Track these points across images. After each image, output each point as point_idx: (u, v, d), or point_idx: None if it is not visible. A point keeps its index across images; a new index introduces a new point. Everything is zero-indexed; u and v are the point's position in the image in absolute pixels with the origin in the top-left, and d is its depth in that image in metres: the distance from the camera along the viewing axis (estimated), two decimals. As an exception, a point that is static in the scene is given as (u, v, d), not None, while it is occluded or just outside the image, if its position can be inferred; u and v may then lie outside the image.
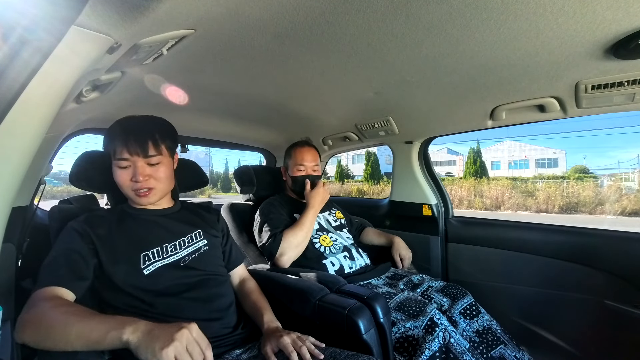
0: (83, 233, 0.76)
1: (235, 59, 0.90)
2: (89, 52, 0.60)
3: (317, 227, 1.38)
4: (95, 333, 0.57)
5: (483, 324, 1.12)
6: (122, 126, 0.83)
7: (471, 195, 13.68)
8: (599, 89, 1.01)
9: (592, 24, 0.72)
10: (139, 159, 0.80)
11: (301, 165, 1.42)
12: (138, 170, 0.80)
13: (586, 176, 15.27)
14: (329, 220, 1.46)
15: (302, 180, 1.41)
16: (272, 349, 0.75)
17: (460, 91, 1.15)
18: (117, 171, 0.81)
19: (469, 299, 1.18)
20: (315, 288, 0.97)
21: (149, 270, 0.78)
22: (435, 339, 0.90)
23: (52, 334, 0.58)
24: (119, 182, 0.82)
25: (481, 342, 1.06)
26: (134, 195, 0.83)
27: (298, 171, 1.43)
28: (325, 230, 1.40)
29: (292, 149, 1.48)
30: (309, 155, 1.45)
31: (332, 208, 1.57)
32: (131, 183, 0.81)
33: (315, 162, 1.46)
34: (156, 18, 0.61)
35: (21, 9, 0.45)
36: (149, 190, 0.83)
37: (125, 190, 0.83)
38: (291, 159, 1.46)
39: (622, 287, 1.18)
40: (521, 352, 1.08)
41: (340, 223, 1.49)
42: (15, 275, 0.98)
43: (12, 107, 0.53)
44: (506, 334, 1.11)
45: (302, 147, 1.47)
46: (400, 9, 0.67)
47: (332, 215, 1.52)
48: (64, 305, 0.64)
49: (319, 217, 1.43)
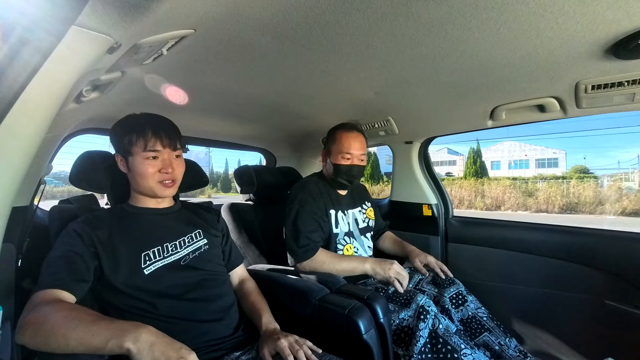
0: (83, 235, 0.76)
1: (235, 59, 0.90)
2: (89, 52, 0.60)
3: (345, 229, 1.31)
4: (97, 339, 0.56)
5: (468, 313, 1.14)
6: (146, 120, 0.85)
7: (471, 195, 13.68)
8: (599, 89, 1.01)
9: (592, 24, 0.72)
10: (169, 152, 0.85)
11: (347, 153, 1.27)
12: (167, 162, 0.84)
13: (586, 176, 15.26)
14: (358, 221, 1.38)
15: (346, 170, 1.28)
16: (269, 352, 0.75)
17: (460, 91, 1.15)
18: (144, 162, 0.82)
19: (457, 287, 1.20)
20: (315, 288, 0.97)
21: (150, 270, 0.78)
22: (426, 327, 0.92)
23: (53, 339, 0.58)
24: (145, 173, 0.82)
25: (465, 330, 1.09)
26: (160, 187, 0.84)
27: (343, 159, 1.27)
28: (352, 236, 1.33)
29: (338, 133, 1.31)
30: (357, 142, 1.28)
31: (365, 203, 1.47)
32: (159, 174, 0.83)
33: (363, 150, 1.30)
34: (156, 18, 0.61)
35: (21, 9, 0.45)
36: (172, 182, 0.86)
37: (150, 182, 0.84)
38: (335, 144, 1.30)
39: (622, 287, 1.18)
40: (508, 339, 1.09)
41: (367, 225, 1.41)
42: (15, 275, 0.98)
43: (12, 107, 0.52)
44: (493, 321, 1.13)
45: (349, 132, 1.30)
46: (400, 9, 0.67)
47: (363, 213, 1.42)
48: (65, 309, 0.64)
49: (349, 213, 1.35)
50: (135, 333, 0.56)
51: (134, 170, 0.83)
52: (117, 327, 0.58)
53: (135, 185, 0.86)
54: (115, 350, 0.56)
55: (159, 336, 0.58)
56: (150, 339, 0.57)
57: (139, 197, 0.88)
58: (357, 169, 1.29)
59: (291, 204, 1.26)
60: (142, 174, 0.83)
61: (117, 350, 0.56)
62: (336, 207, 1.31)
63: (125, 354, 0.56)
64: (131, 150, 0.82)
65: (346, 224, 1.32)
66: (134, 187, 0.87)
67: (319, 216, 1.24)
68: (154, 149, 0.82)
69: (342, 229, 1.30)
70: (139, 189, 0.86)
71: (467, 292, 1.19)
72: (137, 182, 0.85)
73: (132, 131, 0.83)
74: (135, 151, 0.82)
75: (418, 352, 0.88)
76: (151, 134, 0.82)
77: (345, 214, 1.34)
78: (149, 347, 0.56)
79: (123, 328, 0.58)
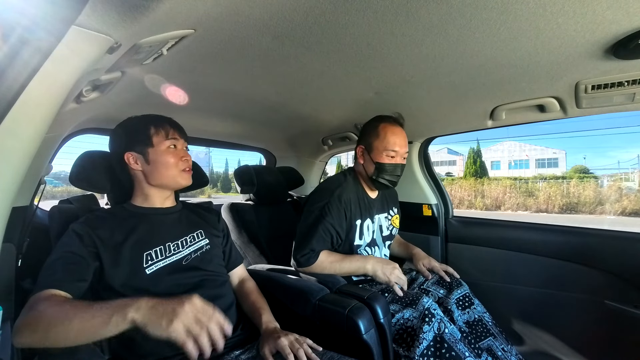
0: (83, 235, 0.76)
1: (235, 59, 0.90)
2: (89, 52, 0.60)
3: (369, 239, 1.23)
4: (98, 320, 0.56)
5: (474, 315, 1.13)
6: (158, 115, 0.89)
7: (471, 195, 13.68)
8: (599, 89, 1.01)
9: (592, 24, 0.72)
10: (183, 142, 0.90)
11: (392, 150, 1.14)
12: (184, 151, 0.89)
13: (586, 176, 15.26)
14: (382, 228, 1.30)
15: (391, 169, 1.15)
16: (270, 350, 0.75)
17: (460, 91, 1.15)
18: (167, 152, 0.85)
19: (464, 289, 1.19)
20: (315, 288, 0.97)
21: (152, 269, 0.78)
22: (431, 330, 0.91)
23: (53, 331, 0.58)
24: (169, 161, 0.85)
25: (470, 333, 1.08)
26: (182, 174, 0.88)
27: (387, 157, 1.15)
28: (376, 245, 1.26)
29: (381, 127, 1.17)
30: (402, 138, 1.16)
31: (392, 208, 1.37)
32: (181, 162, 0.87)
33: (407, 147, 1.19)
34: (156, 18, 0.61)
35: (21, 9, 0.45)
36: (190, 170, 0.90)
37: (173, 170, 0.86)
38: (379, 139, 1.16)
39: (622, 287, 1.18)
40: (510, 346, 1.09)
41: (390, 233, 1.34)
42: (15, 275, 0.98)
43: (12, 107, 0.52)
44: (497, 327, 1.12)
45: (395, 126, 1.17)
46: (400, 8, 0.67)
47: (388, 219, 1.34)
48: (60, 302, 0.64)
49: (376, 219, 1.27)
50: (136, 303, 0.57)
51: (156, 162, 0.84)
52: (116, 304, 0.59)
53: (157, 177, 0.86)
54: (120, 325, 0.55)
55: (158, 300, 0.59)
56: (150, 302, 0.58)
57: (148, 195, 0.88)
58: (402, 168, 1.19)
59: (312, 206, 1.16)
60: (166, 163, 0.85)
61: (121, 324, 0.55)
62: (364, 216, 1.22)
63: (131, 325, 0.55)
64: (152, 141, 0.84)
65: (370, 234, 1.24)
66: (154, 180, 0.86)
67: (335, 231, 1.14)
68: (174, 137, 0.87)
69: (365, 240, 1.22)
70: (162, 180, 0.86)
71: (472, 295, 1.18)
72: (160, 173, 0.85)
73: (150, 124, 0.86)
74: (157, 141, 0.84)
75: (420, 355, 0.87)
76: (168, 124, 0.88)
77: (373, 221, 1.26)
78: (151, 308, 0.56)
79: (121, 303, 0.58)
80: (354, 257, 1.14)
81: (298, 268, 1.14)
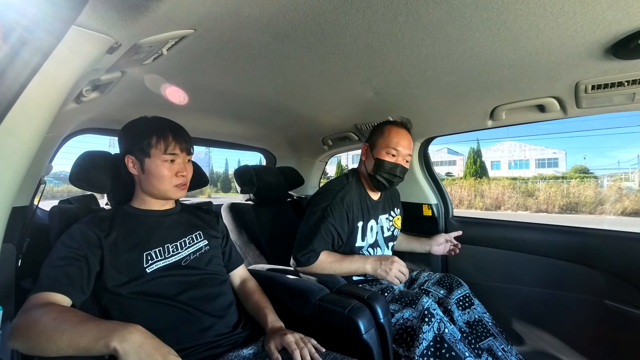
0: (86, 235, 0.76)
1: (235, 59, 0.90)
2: (89, 52, 0.60)
3: (371, 240, 1.25)
4: (85, 340, 0.56)
5: (474, 316, 1.13)
6: (166, 124, 0.87)
7: (471, 195, 13.68)
8: (599, 89, 1.01)
9: (592, 24, 0.72)
10: (184, 156, 0.87)
11: (394, 149, 1.17)
12: (182, 166, 0.86)
13: (586, 176, 15.26)
14: (383, 228, 1.31)
15: (390, 167, 1.18)
16: (275, 346, 0.76)
17: (460, 91, 1.15)
18: (161, 165, 0.83)
19: (464, 290, 1.19)
20: (315, 288, 0.97)
21: (152, 268, 0.79)
22: (430, 330, 0.91)
23: (44, 342, 0.57)
24: (163, 175, 0.83)
25: (470, 333, 1.08)
26: (174, 189, 0.86)
27: (387, 155, 1.18)
28: (378, 246, 1.27)
29: (387, 127, 1.22)
30: (406, 140, 1.20)
31: (394, 209, 1.39)
32: (175, 177, 0.85)
33: (410, 150, 1.21)
34: (156, 18, 0.61)
35: (21, 9, 0.45)
36: (185, 185, 0.89)
37: (165, 184, 0.84)
38: (382, 137, 1.20)
39: (622, 287, 1.18)
40: (510, 346, 1.09)
41: (392, 234, 1.34)
42: (15, 275, 0.98)
43: (12, 107, 0.52)
44: (497, 328, 1.13)
45: (400, 128, 1.21)
46: (400, 9, 0.67)
47: (390, 220, 1.35)
48: (54, 311, 0.62)
49: (378, 220, 1.28)
50: (123, 332, 0.55)
51: (150, 173, 0.83)
52: (104, 327, 0.57)
53: (148, 187, 0.85)
54: (103, 351, 0.55)
55: (147, 337, 0.57)
56: (138, 339, 0.56)
57: (145, 199, 0.88)
58: (402, 170, 1.19)
59: (314, 207, 1.17)
60: (159, 177, 0.83)
61: (104, 350, 0.55)
62: (366, 218, 1.23)
63: (112, 353, 0.54)
64: (150, 152, 0.82)
65: (373, 235, 1.25)
66: (145, 189, 0.86)
67: (337, 232, 1.15)
68: (173, 152, 0.84)
69: (368, 241, 1.23)
70: (152, 191, 0.86)
71: (473, 295, 1.18)
72: (151, 184, 0.84)
73: (152, 134, 0.83)
74: (154, 153, 0.82)
75: (420, 355, 0.88)
76: (172, 137, 0.84)
77: (376, 222, 1.27)
78: (137, 348, 0.55)
79: (111, 328, 0.57)
80: (354, 257, 1.15)
81: (297, 267, 1.15)
